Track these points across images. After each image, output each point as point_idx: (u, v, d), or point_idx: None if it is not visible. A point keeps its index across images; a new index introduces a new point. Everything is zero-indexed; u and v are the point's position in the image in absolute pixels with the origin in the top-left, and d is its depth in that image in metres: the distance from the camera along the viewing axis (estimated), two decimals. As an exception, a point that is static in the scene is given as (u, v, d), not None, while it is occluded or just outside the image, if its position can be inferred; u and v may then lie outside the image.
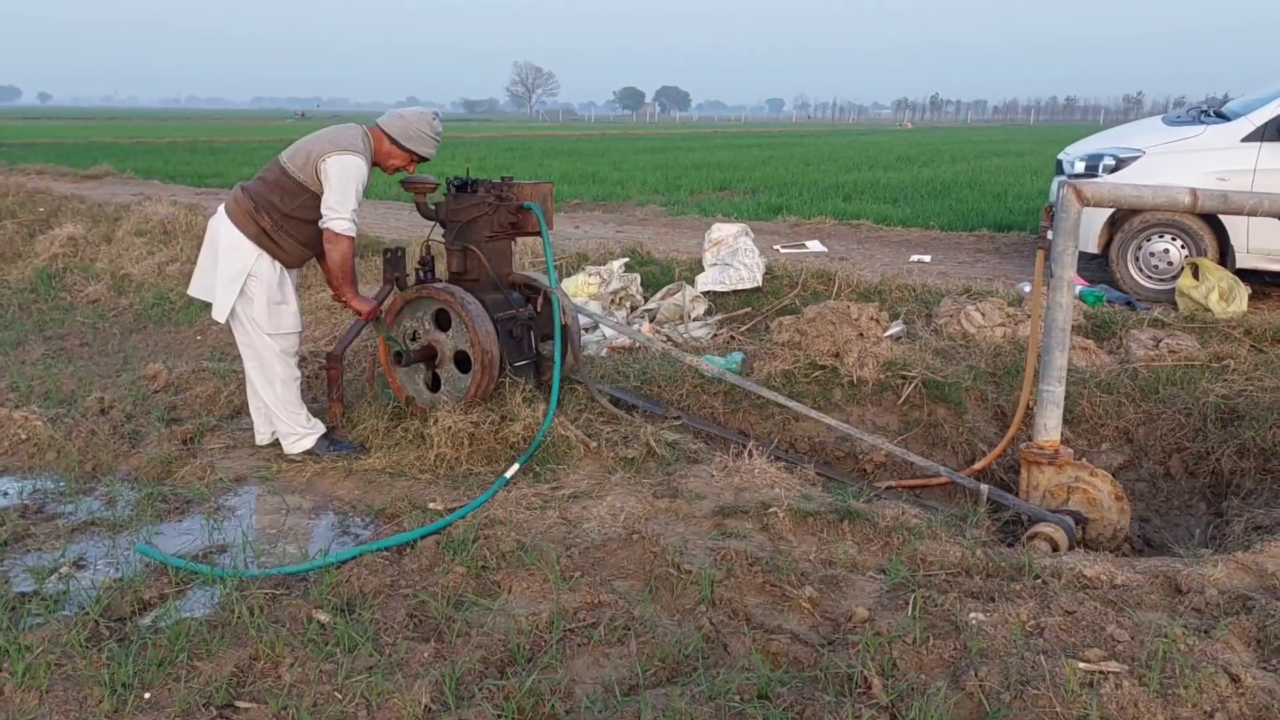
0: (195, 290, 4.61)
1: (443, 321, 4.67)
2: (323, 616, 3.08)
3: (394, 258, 4.71)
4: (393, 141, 4.50)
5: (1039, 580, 3.28)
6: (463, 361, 4.63)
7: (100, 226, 9.46)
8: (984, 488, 4.33)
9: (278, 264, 4.43)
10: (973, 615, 3.03)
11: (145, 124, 51.26)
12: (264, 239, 4.37)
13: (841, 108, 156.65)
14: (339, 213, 4.29)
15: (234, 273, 4.36)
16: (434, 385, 4.77)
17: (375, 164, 4.55)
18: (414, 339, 4.74)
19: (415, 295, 4.66)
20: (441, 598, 3.19)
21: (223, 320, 4.47)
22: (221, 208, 4.52)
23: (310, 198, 4.34)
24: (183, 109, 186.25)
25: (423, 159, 4.62)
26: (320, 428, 4.63)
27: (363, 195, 4.40)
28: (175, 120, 64.19)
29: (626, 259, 7.63)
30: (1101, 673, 2.71)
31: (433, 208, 4.80)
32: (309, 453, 4.55)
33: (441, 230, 4.83)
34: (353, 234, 4.36)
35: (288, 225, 4.39)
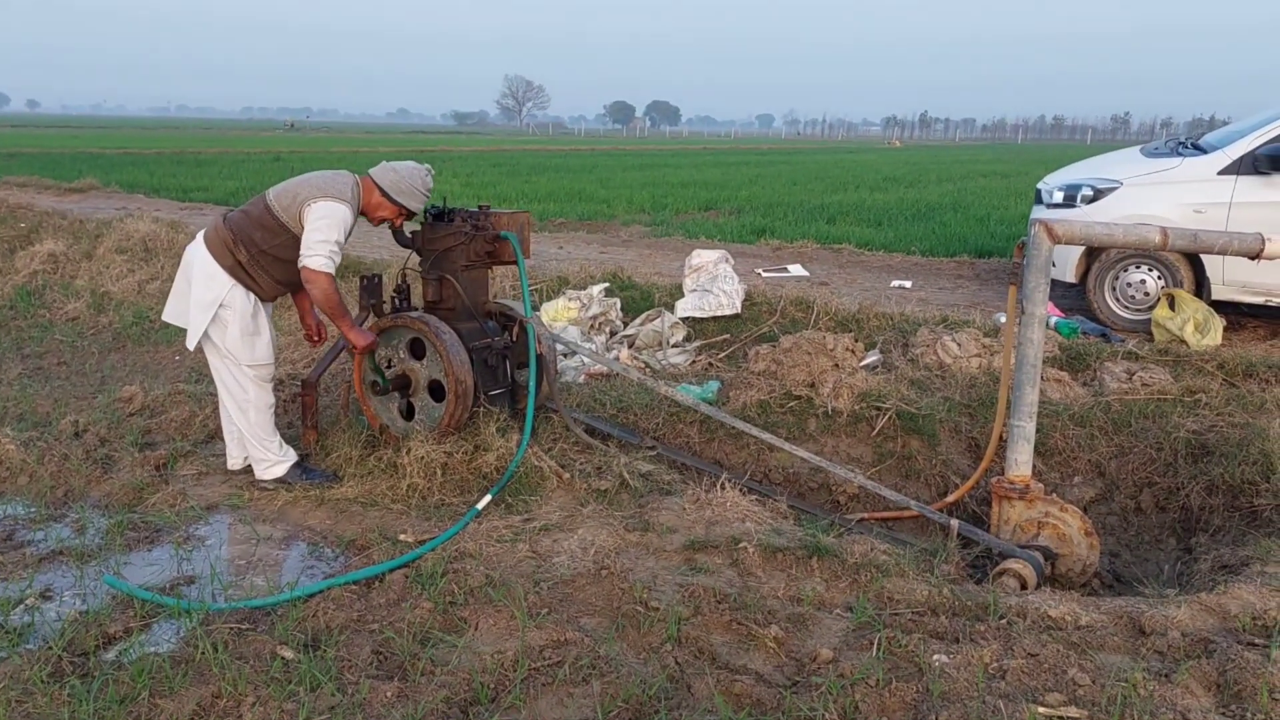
0: (169, 316, 4.60)
1: (417, 350, 4.68)
2: (287, 653, 3.07)
3: (370, 285, 4.72)
4: (383, 193, 4.48)
5: (1004, 620, 3.30)
6: (437, 390, 4.64)
7: (81, 243, 9.43)
8: (954, 523, 4.35)
9: (252, 295, 4.43)
10: (936, 657, 3.04)
11: (133, 133, 51.18)
12: (239, 271, 4.37)
13: (831, 124, 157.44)
14: (315, 250, 4.26)
15: (207, 301, 4.36)
16: (408, 414, 4.77)
17: (363, 213, 4.53)
18: (389, 367, 4.75)
19: (390, 323, 4.67)
20: (408, 634, 3.19)
21: (192, 348, 4.47)
22: (200, 235, 4.52)
23: (290, 238, 4.34)
24: (172, 118, 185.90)
25: (411, 213, 4.61)
26: (293, 455, 4.62)
27: (344, 241, 4.36)
28: (164, 129, 64.09)
29: (607, 284, 7.65)
30: (1061, 718, 2.74)
31: (409, 235, 4.81)
32: (281, 480, 4.54)
33: (418, 258, 4.84)
34: (330, 270, 4.32)
35: (264, 261, 4.39)
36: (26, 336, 7.79)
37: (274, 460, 4.55)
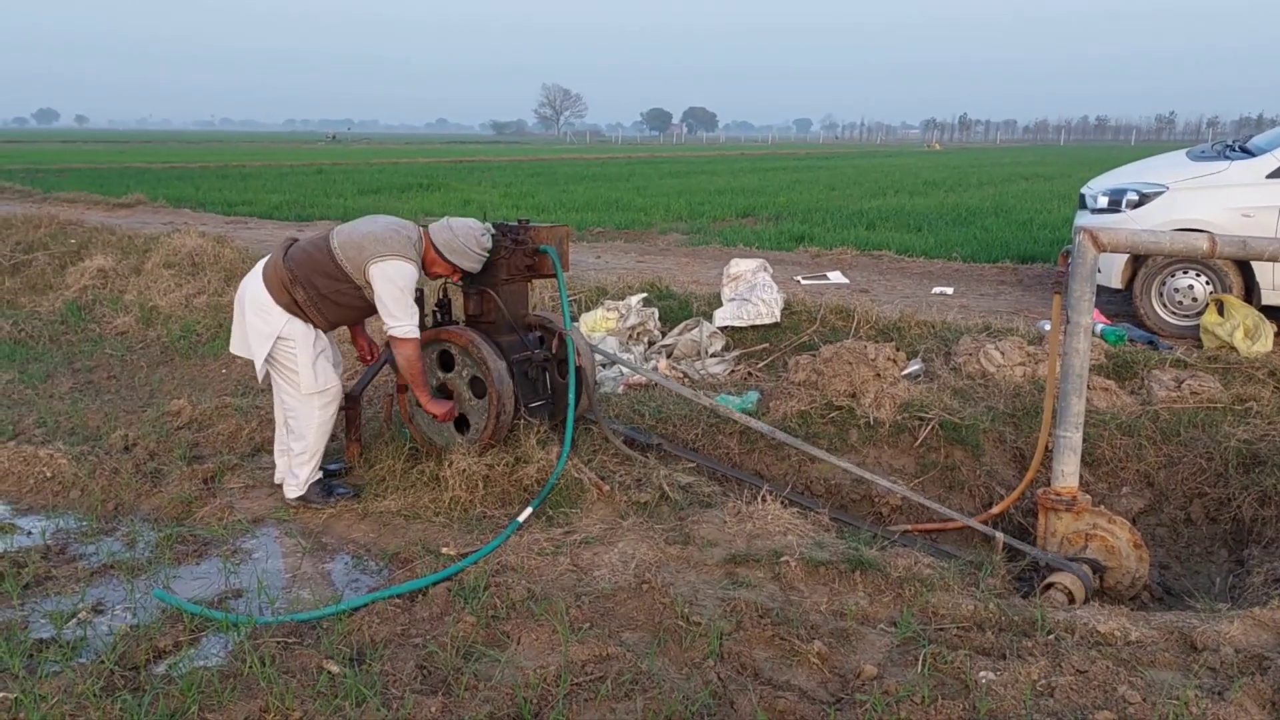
0: (236, 349, 4.61)
1: (447, 361, 4.72)
2: (333, 667, 3.10)
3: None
4: (438, 251, 4.47)
5: (1052, 636, 3.26)
6: (479, 387, 4.64)
7: (130, 258, 9.62)
8: (999, 536, 4.30)
9: (311, 325, 4.44)
10: (983, 674, 3.01)
11: (178, 148, 52.15)
12: (295, 308, 4.38)
13: (869, 128, 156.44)
14: (400, 320, 4.29)
15: (265, 334, 4.38)
16: (461, 426, 4.78)
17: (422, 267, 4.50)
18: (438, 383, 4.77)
19: (432, 337, 4.71)
20: (451, 648, 3.21)
21: (261, 378, 4.52)
22: (258, 267, 4.52)
23: (352, 287, 4.35)
24: (216, 131, 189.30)
25: (466, 272, 4.61)
26: (317, 474, 4.63)
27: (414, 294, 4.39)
28: (208, 143, 65.27)
29: (645, 294, 7.66)
30: (1112, 737, 2.69)
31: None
32: (302, 499, 4.56)
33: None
34: (418, 335, 4.37)
35: (323, 305, 4.41)
36: (77, 351, 7.96)
37: (302, 481, 4.58)
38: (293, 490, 4.57)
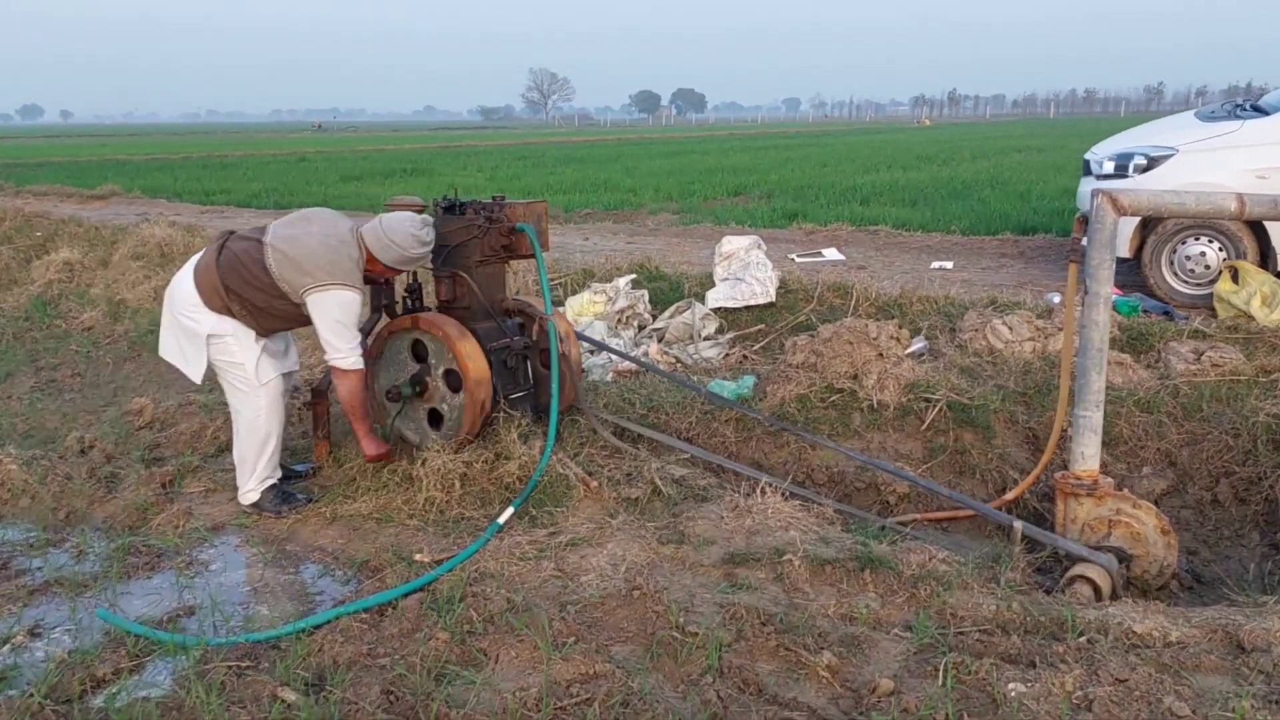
0: (165, 353, 4.28)
1: (420, 352, 4.38)
2: (289, 695, 2.79)
3: (381, 285, 4.43)
4: (375, 256, 4.09)
5: (1084, 639, 2.95)
6: (455, 381, 4.32)
7: (97, 250, 9.26)
8: (1017, 524, 3.99)
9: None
10: (1011, 686, 2.70)
11: (163, 140, 51.48)
12: (228, 314, 4.05)
13: (859, 106, 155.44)
14: (341, 350, 3.96)
15: (195, 334, 4.06)
16: (434, 422, 4.45)
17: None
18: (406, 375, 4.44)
19: (388, 333, 4.37)
20: (421, 669, 2.89)
21: (198, 381, 4.20)
22: (189, 267, 4.17)
23: (289, 303, 4.01)
24: (202, 124, 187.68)
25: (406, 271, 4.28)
26: (270, 480, 4.30)
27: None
28: (193, 135, 64.48)
29: (634, 275, 7.32)
30: (1162, 759, 2.39)
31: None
32: (257, 506, 4.24)
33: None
34: (360, 367, 4.04)
35: (260, 316, 4.08)
36: (42, 348, 7.61)
37: (255, 485, 4.26)
38: (247, 496, 4.24)
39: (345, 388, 4.04)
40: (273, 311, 4.06)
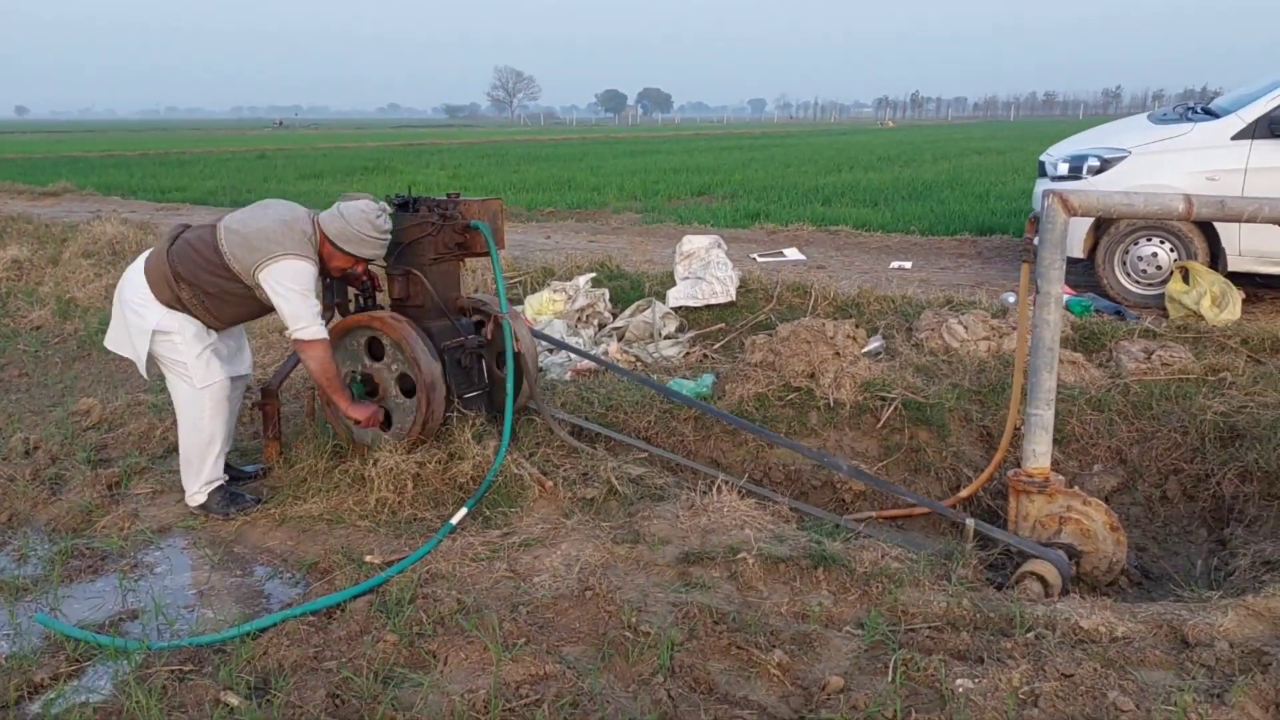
0: (111, 343, 4.21)
1: (377, 351, 4.33)
2: (232, 699, 2.74)
3: (333, 283, 4.37)
4: (332, 243, 4.01)
5: (1031, 634, 2.97)
6: (408, 385, 4.27)
7: (47, 248, 9.06)
8: (970, 521, 4.01)
9: (196, 320, 4.04)
10: (959, 682, 2.71)
11: (120, 136, 50.66)
12: (178, 305, 3.98)
13: (823, 107, 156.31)
14: (301, 321, 3.87)
15: (142, 329, 3.99)
16: (385, 423, 4.40)
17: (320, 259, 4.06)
18: (354, 378, 4.39)
19: (354, 323, 4.32)
20: (368, 672, 2.85)
21: (145, 375, 4.13)
22: (140, 260, 4.10)
23: (242, 288, 3.94)
24: (161, 120, 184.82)
25: (368, 262, 4.20)
26: (217, 481, 4.23)
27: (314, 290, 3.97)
28: (152, 132, 63.50)
29: (594, 274, 7.30)
30: (1105, 753, 2.41)
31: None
32: (204, 508, 4.17)
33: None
34: (325, 335, 3.95)
35: (211, 304, 4.00)
36: (-11, 348, 7.44)
37: (200, 486, 4.18)
38: (194, 498, 4.17)
39: (314, 360, 3.95)
40: (224, 298, 3.99)
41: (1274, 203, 3.86)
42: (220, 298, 3.98)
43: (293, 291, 3.86)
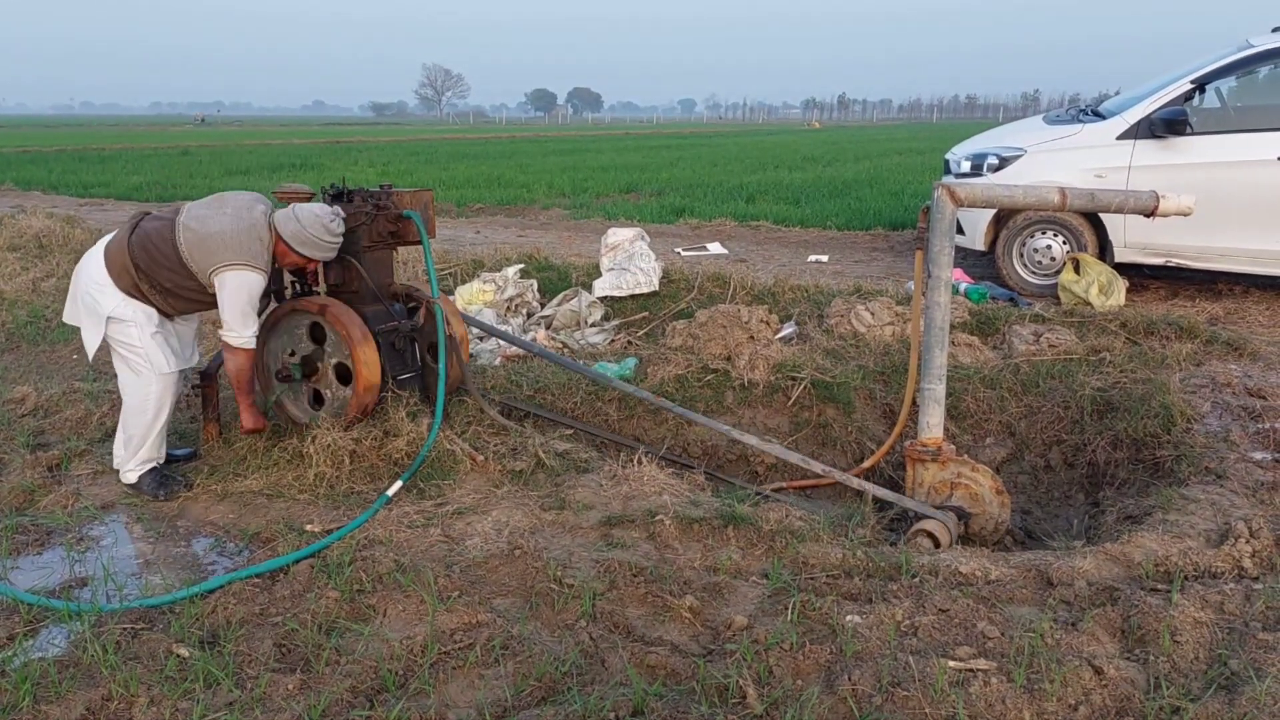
0: (70, 318, 4.35)
1: (319, 335, 4.54)
2: (183, 651, 2.94)
3: (270, 270, 4.55)
4: (286, 244, 4.21)
5: (916, 579, 3.32)
6: (344, 374, 4.50)
7: (-31, 242, 8.98)
8: (868, 487, 4.37)
9: (152, 308, 4.20)
10: (849, 618, 3.05)
11: (33, 132, 49.15)
12: (137, 293, 4.15)
13: (752, 108, 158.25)
14: (236, 329, 4.10)
15: (98, 314, 4.14)
16: (316, 402, 4.62)
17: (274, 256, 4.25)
18: (292, 355, 4.59)
19: (291, 309, 4.52)
20: (312, 625, 3.08)
21: (91, 359, 4.28)
22: (100, 245, 4.24)
23: (198, 285, 4.14)
24: (76, 115, 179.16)
25: (320, 262, 4.41)
26: (153, 462, 4.38)
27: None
28: (66, 128, 61.66)
29: (522, 265, 7.55)
30: (970, 670, 2.75)
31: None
32: (135, 488, 4.31)
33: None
34: (252, 347, 4.19)
35: (168, 298, 4.19)
36: (-88, 342, 7.39)
37: (134, 467, 4.33)
38: (126, 475, 4.33)
39: (235, 364, 4.19)
40: (180, 293, 4.16)
41: (1137, 195, 4.30)
42: (176, 292, 4.16)
43: (239, 302, 4.08)
